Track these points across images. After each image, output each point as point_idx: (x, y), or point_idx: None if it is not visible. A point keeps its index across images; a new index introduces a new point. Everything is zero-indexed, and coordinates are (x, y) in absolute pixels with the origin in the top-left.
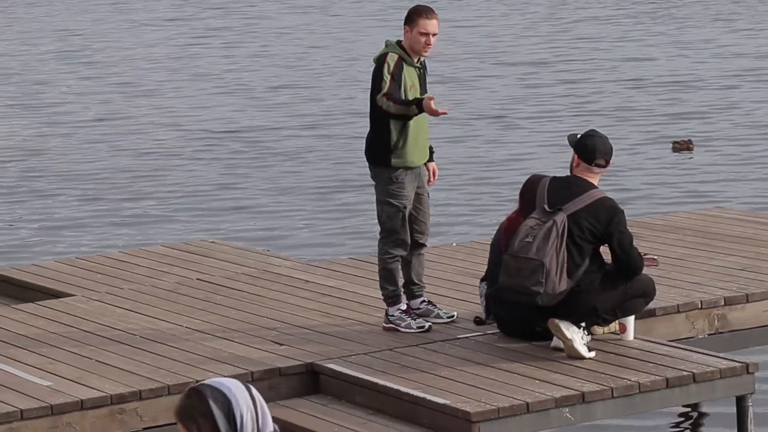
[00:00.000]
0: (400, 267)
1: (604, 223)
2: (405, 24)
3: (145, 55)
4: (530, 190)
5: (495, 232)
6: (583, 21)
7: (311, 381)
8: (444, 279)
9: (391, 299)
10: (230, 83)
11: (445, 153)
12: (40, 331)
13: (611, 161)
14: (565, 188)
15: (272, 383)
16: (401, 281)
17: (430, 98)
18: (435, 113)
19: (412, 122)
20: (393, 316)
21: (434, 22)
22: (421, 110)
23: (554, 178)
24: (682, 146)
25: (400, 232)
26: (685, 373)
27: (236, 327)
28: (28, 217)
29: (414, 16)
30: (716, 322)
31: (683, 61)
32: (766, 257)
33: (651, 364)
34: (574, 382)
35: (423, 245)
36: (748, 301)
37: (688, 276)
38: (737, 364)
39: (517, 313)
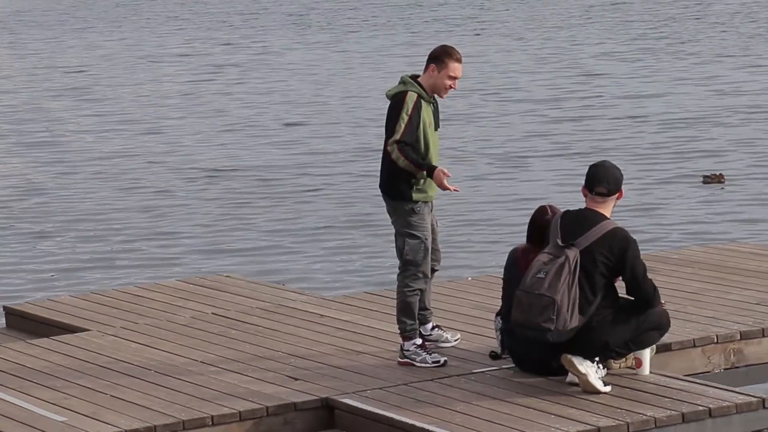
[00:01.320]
0: (418, 301)
1: (618, 254)
2: (431, 62)
3: (153, 91)
4: (537, 220)
5: (504, 268)
6: (593, 57)
7: (326, 416)
8: (459, 313)
9: (408, 333)
10: (240, 120)
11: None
12: (54, 366)
13: (621, 191)
14: (578, 222)
15: (287, 418)
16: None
17: (445, 173)
18: (444, 187)
19: (432, 158)
20: (408, 350)
21: (461, 66)
22: (429, 176)
23: (566, 212)
24: (713, 179)
25: (422, 265)
26: (701, 408)
27: (251, 361)
28: (42, 253)
29: (444, 57)
30: (732, 356)
31: (696, 96)
32: None
33: (667, 399)
34: (589, 417)
35: (436, 271)
36: (764, 336)
37: (703, 310)
38: (753, 399)
39: (533, 348)
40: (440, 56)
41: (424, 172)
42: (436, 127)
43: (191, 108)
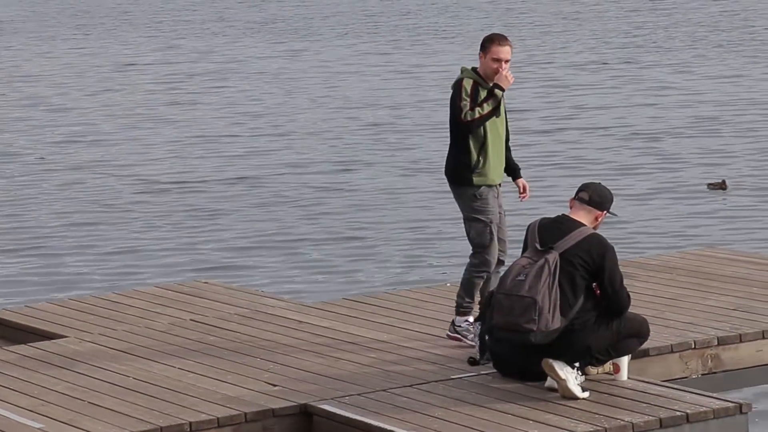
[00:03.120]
0: (481, 284)
1: (597, 258)
2: (480, 51)
3: (128, 100)
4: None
5: None
6: (568, 66)
7: (305, 422)
8: (438, 319)
9: (464, 309)
10: (211, 131)
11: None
12: (31, 372)
13: (602, 213)
14: (555, 228)
15: (265, 424)
16: (478, 298)
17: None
18: (507, 80)
19: (489, 143)
20: (460, 326)
21: (507, 48)
22: (501, 89)
23: (543, 218)
24: (716, 186)
25: (490, 248)
26: (678, 413)
27: (229, 368)
28: (19, 260)
29: (487, 43)
30: (710, 362)
31: (687, 106)
32: (759, 297)
33: (645, 405)
34: (567, 423)
35: (503, 262)
36: (741, 341)
37: (681, 316)
38: (731, 405)
39: (515, 351)
40: (484, 43)
41: (498, 92)
42: (498, 115)
43: (160, 118)
